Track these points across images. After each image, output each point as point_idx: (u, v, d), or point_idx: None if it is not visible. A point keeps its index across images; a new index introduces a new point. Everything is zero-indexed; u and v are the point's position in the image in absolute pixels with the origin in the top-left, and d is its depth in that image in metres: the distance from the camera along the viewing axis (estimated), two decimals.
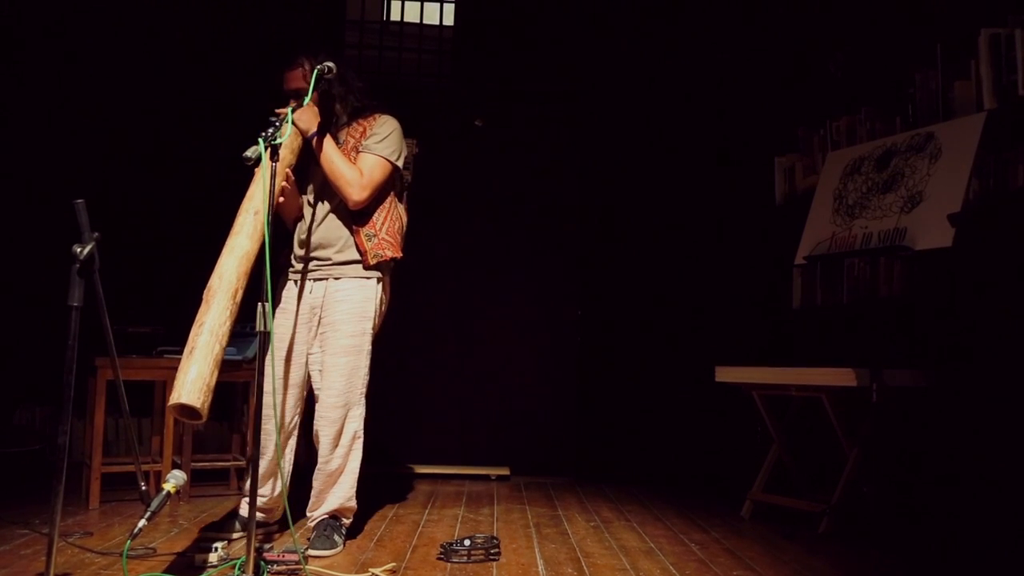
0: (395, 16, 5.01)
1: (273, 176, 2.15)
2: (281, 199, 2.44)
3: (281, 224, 2.76)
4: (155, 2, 4.56)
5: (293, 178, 2.58)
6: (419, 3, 5.00)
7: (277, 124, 2.21)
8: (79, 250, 1.91)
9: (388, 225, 2.74)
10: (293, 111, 2.46)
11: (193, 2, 4.61)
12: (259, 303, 2.08)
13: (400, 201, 2.85)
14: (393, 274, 2.82)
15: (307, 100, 2.45)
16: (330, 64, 2.45)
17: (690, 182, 4.67)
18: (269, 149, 2.13)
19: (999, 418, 2.83)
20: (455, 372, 4.57)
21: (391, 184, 2.77)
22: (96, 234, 1.97)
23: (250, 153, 2.12)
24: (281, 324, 2.70)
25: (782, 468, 3.42)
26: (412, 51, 4.92)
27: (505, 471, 4.35)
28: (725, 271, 4.54)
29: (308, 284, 2.71)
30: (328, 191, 2.68)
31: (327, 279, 2.69)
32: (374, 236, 2.69)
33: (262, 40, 4.54)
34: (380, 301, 2.75)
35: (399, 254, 2.76)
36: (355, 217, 2.68)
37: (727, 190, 4.56)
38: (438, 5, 4.98)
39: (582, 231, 4.72)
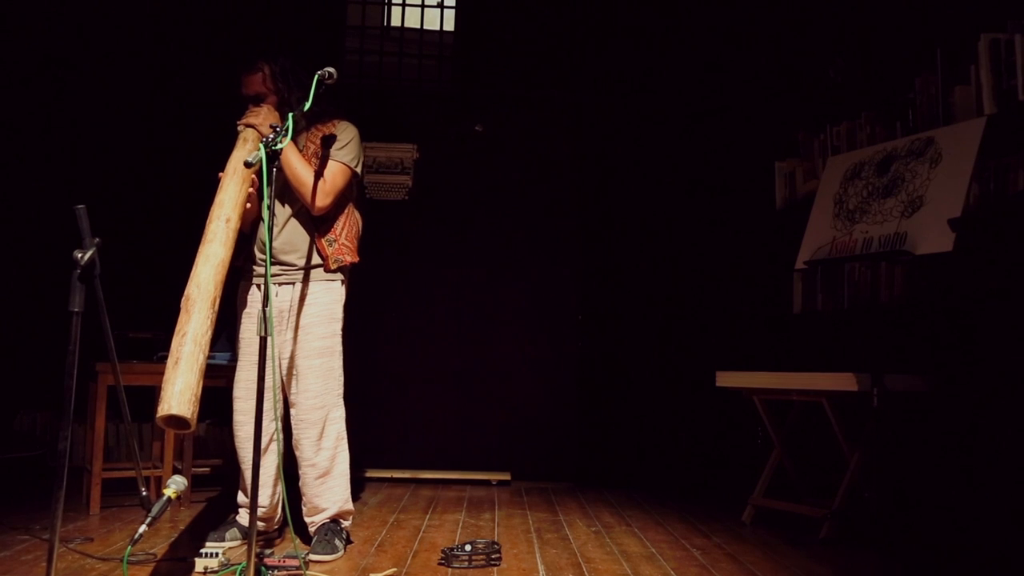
0: (395, 22, 5.02)
1: (265, 181, 2.14)
2: (248, 205, 2.45)
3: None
4: (154, 7, 4.57)
5: (258, 183, 2.58)
6: (419, 9, 5.01)
7: (279, 129, 2.22)
8: (80, 256, 1.91)
9: (347, 230, 2.75)
10: (293, 116, 2.45)
11: (192, 7, 4.62)
12: (260, 309, 2.08)
13: (356, 207, 2.86)
14: (351, 278, 2.82)
15: (308, 105, 2.44)
16: (331, 70, 2.44)
17: (691, 187, 4.67)
18: (269, 154, 2.14)
19: (1000, 423, 2.83)
20: (456, 377, 4.57)
21: (351, 190, 2.79)
22: (97, 240, 1.97)
23: (251, 159, 2.13)
24: (248, 329, 2.71)
25: (783, 473, 3.42)
26: (413, 56, 4.93)
27: (506, 476, 4.34)
28: (726, 276, 4.54)
29: (273, 288, 2.72)
30: (289, 196, 2.67)
31: (293, 283, 2.70)
32: (335, 241, 2.71)
33: (262, 46, 4.53)
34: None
35: (357, 259, 2.78)
36: (317, 222, 2.70)
37: (727, 194, 4.57)
38: (438, 11, 4.99)
39: (582, 235, 4.72)
